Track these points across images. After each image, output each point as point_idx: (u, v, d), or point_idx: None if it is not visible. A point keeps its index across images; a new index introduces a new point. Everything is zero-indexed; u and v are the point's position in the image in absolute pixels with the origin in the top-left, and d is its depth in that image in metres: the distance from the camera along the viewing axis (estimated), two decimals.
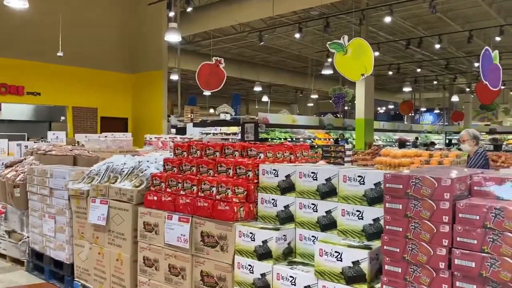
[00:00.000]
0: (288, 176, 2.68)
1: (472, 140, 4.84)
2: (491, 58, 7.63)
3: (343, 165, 8.87)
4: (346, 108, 25.14)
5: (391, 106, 34.93)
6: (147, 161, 3.64)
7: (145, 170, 3.47)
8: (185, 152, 3.36)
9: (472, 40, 13.09)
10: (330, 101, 16.88)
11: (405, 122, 30.42)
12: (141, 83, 13.53)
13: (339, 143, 14.56)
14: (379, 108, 34.05)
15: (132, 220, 3.31)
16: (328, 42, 6.60)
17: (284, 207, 2.69)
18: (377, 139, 20.13)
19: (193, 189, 2.96)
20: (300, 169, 2.63)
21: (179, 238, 2.94)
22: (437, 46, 14.17)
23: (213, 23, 14.05)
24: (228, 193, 2.77)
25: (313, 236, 2.54)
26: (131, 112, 13.88)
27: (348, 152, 9.24)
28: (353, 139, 17.14)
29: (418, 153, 6.55)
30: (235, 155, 3.10)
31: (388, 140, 21.68)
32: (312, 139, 18.22)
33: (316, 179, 2.54)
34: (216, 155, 3.17)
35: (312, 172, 2.56)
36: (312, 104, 30.05)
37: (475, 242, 1.74)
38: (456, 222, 1.80)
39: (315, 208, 2.54)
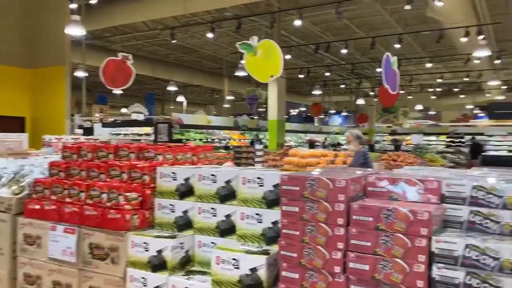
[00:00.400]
0: (187, 179, 2.51)
1: (356, 140, 5.09)
2: (390, 63, 8.14)
3: (253, 166, 8.90)
4: (261, 109, 25.54)
5: (303, 108, 36.23)
6: (32, 165, 3.24)
7: (28, 175, 3.08)
8: (74, 155, 3.03)
9: (375, 47, 13.93)
10: (245, 102, 16.99)
11: (316, 124, 31.75)
12: (41, 79, 12.41)
13: (254, 144, 14.67)
14: (292, 110, 35.14)
15: (10, 232, 2.91)
16: (238, 43, 6.54)
17: (183, 212, 2.51)
18: (289, 140, 20.69)
19: (81, 196, 2.66)
20: (199, 172, 2.47)
21: (65, 251, 2.62)
22: (344, 51, 14.87)
23: (121, 18, 13.37)
24: (119, 200, 2.52)
25: (212, 243, 2.39)
26: (29, 110, 12.68)
27: (258, 153, 9.27)
28: (267, 140, 17.41)
29: (324, 153, 6.74)
30: (130, 158, 2.85)
31: (299, 140, 22.40)
32: (227, 140, 18.20)
33: (216, 182, 2.40)
34: (109, 158, 2.90)
35: (211, 175, 2.42)
36: (228, 105, 30.09)
37: (369, 244, 1.71)
38: (350, 224, 1.77)
39: (214, 212, 2.40)
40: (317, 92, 22.34)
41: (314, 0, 12.00)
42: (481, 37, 11.37)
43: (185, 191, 2.51)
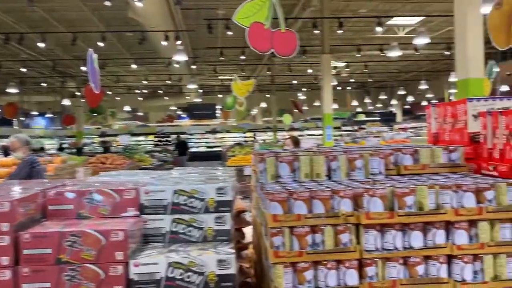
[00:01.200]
0: None
1: (25, 146, 4.45)
2: (93, 61, 7.67)
3: None
4: None
5: None
6: None
7: None
8: None
9: (77, 44, 13.05)
10: None
11: (15, 127, 27.80)
12: None
13: None
14: None
15: None
16: None
17: None
18: None
19: None
20: None
21: None
22: (41, 45, 13.34)
23: None
24: None
25: None
26: None
27: None
28: None
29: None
30: None
31: None
32: None
33: None
34: None
35: None
36: None
37: (48, 285, 1.26)
38: (20, 263, 1.27)
39: None
40: (13, 90, 19.46)
41: None
42: (179, 42, 12.28)
43: None
